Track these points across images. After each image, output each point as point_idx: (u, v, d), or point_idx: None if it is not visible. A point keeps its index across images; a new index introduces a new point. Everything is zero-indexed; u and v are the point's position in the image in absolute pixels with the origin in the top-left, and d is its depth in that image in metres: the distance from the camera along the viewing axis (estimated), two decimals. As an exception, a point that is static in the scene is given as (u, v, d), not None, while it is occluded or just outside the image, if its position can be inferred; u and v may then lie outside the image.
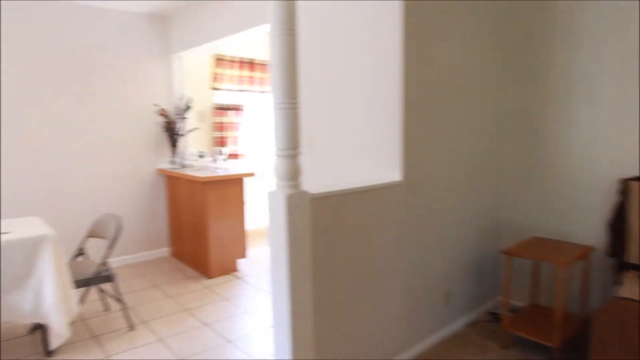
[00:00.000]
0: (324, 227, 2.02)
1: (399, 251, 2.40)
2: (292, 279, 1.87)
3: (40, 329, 2.75)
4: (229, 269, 4.16)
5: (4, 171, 3.72)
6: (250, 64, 5.28)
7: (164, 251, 4.75)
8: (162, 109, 4.49)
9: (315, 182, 2.83)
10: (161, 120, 4.52)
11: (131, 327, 3.03)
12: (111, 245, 2.92)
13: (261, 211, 5.55)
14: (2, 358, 2.68)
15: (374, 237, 2.25)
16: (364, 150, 2.55)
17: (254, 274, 4.17)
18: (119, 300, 3.06)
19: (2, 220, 2.91)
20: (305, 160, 2.85)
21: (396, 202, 2.34)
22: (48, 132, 3.91)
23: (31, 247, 2.53)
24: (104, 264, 2.91)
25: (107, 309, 3.36)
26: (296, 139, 1.81)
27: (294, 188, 1.85)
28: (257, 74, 5.36)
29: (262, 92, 5.44)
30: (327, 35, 2.71)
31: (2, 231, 2.60)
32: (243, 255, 4.27)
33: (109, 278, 2.94)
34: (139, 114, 4.44)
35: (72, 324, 3.07)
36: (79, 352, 2.76)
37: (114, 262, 4.38)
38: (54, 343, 2.64)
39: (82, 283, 2.82)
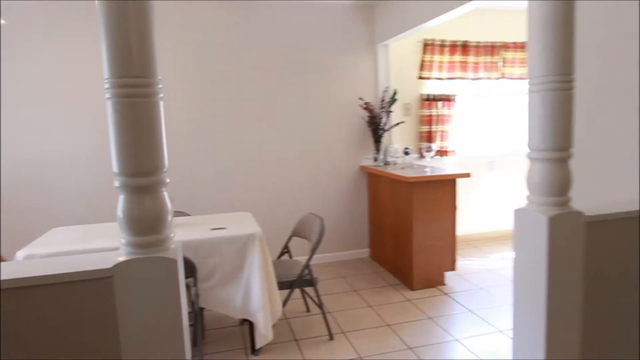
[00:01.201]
0: (602, 261, 1.32)
1: None
2: (550, 328, 1.25)
3: (248, 323, 2.77)
4: (435, 282, 3.65)
5: (224, 169, 4.03)
6: (463, 48, 4.61)
7: (364, 252, 4.54)
8: (367, 103, 4.25)
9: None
10: (365, 114, 4.29)
11: (330, 337, 2.83)
12: (314, 248, 2.76)
13: (472, 215, 4.84)
14: (214, 346, 2.80)
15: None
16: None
17: (463, 291, 3.55)
18: (319, 306, 2.89)
19: (217, 215, 3.07)
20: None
21: None
22: (256, 129, 4.10)
23: (242, 245, 2.53)
24: (306, 266, 2.77)
25: (308, 310, 3.27)
26: (567, 133, 1.18)
27: (561, 206, 1.22)
28: (470, 59, 4.64)
29: (476, 78, 4.70)
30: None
31: (217, 227, 2.69)
32: (452, 268, 3.69)
33: (311, 282, 2.79)
34: (344, 109, 4.30)
35: (277, 321, 3.06)
36: (281, 353, 2.68)
37: (315, 259, 4.37)
38: (259, 342, 2.62)
39: (286, 285, 2.73)
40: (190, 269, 2.33)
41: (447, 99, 4.64)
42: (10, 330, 0.89)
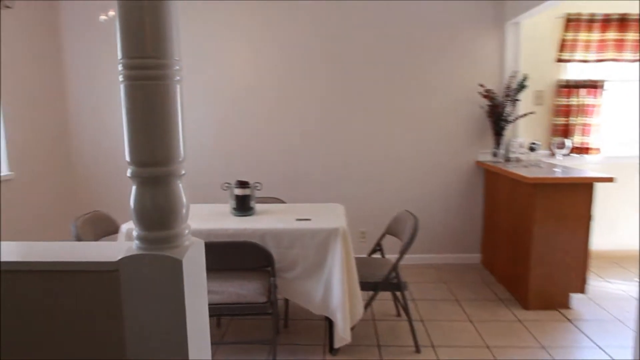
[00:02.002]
0: None
1: None
2: None
3: (329, 319, 2.65)
4: (556, 304, 3.08)
5: (327, 159, 3.94)
6: (620, 23, 3.76)
7: (474, 257, 4.07)
8: (487, 90, 3.74)
9: None
10: (485, 103, 3.79)
11: (417, 349, 2.56)
12: (403, 250, 2.50)
13: (614, 228, 4.00)
14: (294, 337, 2.75)
15: None
16: None
17: (594, 320, 2.93)
18: (406, 312, 2.64)
19: (309, 204, 2.99)
20: None
21: None
22: (361, 119, 3.90)
23: (324, 239, 2.41)
24: (394, 268, 2.53)
25: (398, 314, 3.03)
26: None
27: None
28: (629, 36, 3.77)
29: (635, 60, 3.81)
30: None
31: (303, 217, 2.60)
32: (580, 289, 3.07)
33: (397, 286, 2.55)
34: (460, 97, 3.86)
35: (362, 321, 2.89)
36: (359, 357, 2.51)
37: (417, 259, 4.06)
38: (337, 342, 2.48)
39: (370, 286, 2.54)
40: (266, 258, 2.28)
41: (593, 85, 3.85)
42: (12, 312, 0.89)
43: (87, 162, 4.02)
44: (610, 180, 2.95)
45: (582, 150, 3.93)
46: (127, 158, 0.93)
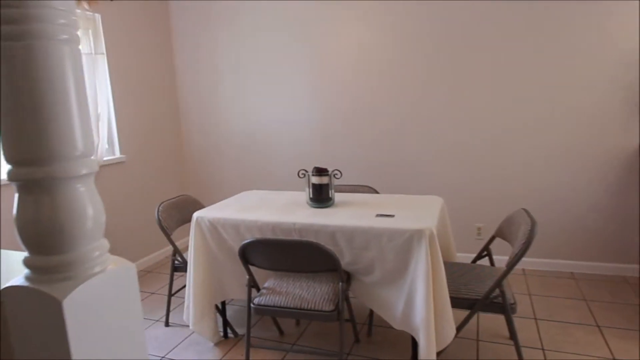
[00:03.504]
0: None
1: None
2: None
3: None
4: None
5: (441, 145, 3.38)
6: None
7: (631, 270, 3.13)
8: (662, 47, 2.74)
9: None
10: (657, 65, 2.79)
11: (529, 390, 1.98)
12: (511, 262, 1.91)
13: None
14: (376, 349, 2.37)
15: None
16: None
17: None
18: (514, 341, 2.05)
19: (401, 196, 2.53)
20: None
21: None
22: (486, 95, 3.21)
23: (404, 242, 1.97)
24: (498, 285, 1.96)
25: (512, 337, 2.42)
26: None
27: None
28: None
29: None
30: None
31: (385, 213, 2.18)
32: None
33: (502, 308, 1.98)
34: (618, 63, 2.92)
35: (461, 339, 2.38)
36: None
37: (550, 265, 3.28)
38: (422, 367, 2.04)
39: (465, 304, 2.02)
40: (331, 261, 1.94)
41: None
42: None
43: (195, 146, 4.15)
44: None
45: None
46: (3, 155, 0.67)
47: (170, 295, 2.70)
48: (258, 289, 2.18)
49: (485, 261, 2.41)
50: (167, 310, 2.73)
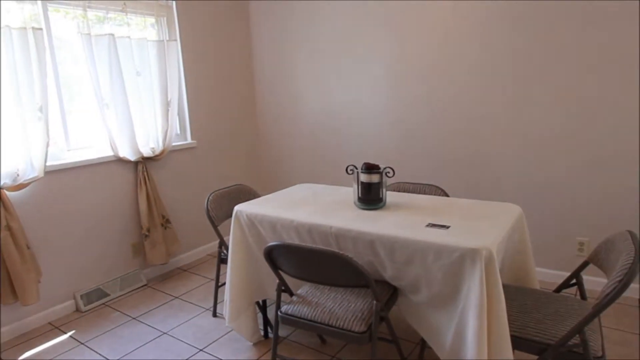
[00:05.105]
0: None
1: None
2: None
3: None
4: None
5: (517, 136, 2.80)
6: None
7: None
8: None
9: None
10: None
11: None
12: (607, 300, 1.43)
13: None
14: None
15: None
16: None
17: None
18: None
19: (472, 201, 2.11)
20: None
21: None
22: (580, 82, 2.56)
23: (454, 262, 1.60)
24: (579, 330, 1.49)
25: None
26: None
27: None
28: None
29: None
30: None
31: (438, 223, 1.82)
32: None
33: (584, 357, 1.50)
34: None
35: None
36: None
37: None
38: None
39: (533, 348, 1.58)
40: (361, 276, 1.65)
41: None
42: None
43: (269, 134, 4.08)
44: None
45: None
46: None
47: (217, 286, 2.64)
48: (292, 294, 1.99)
49: (575, 290, 1.91)
50: (214, 301, 2.69)
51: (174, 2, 3.27)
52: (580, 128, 2.67)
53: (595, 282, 2.72)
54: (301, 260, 1.73)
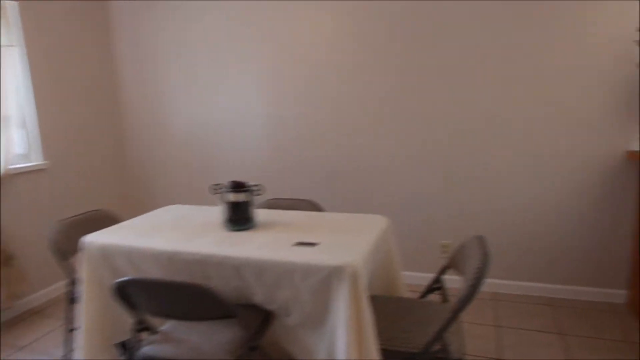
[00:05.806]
0: None
1: None
2: None
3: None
4: None
5: (400, 157, 2.97)
6: None
7: (617, 296, 2.73)
8: (652, 39, 2.34)
9: None
10: (646, 62, 2.39)
11: None
12: (460, 305, 1.51)
13: None
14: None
15: None
16: None
17: None
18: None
19: (341, 215, 2.12)
20: None
21: None
22: (451, 91, 2.81)
23: (321, 281, 1.56)
24: (439, 335, 1.55)
25: (468, 386, 2.02)
26: None
27: None
28: None
29: None
30: None
31: (306, 241, 1.78)
32: None
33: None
34: (597, 53, 2.51)
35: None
36: None
37: (525, 288, 2.88)
38: None
39: (400, 358, 1.61)
40: (226, 308, 1.53)
41: None
42: None
43: (138, 148, 3.74)
44: None
45: None
46: None
47: (69, 330, 2.29)
48: (153, 332, 1.78)
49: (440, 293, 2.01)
50: (65, 349, 2.33)
51: (16, 2, 2.82)
52: (434, 150, 2.89)
53: (459, 280, 2.95)
54: (157, 296, 1.55)
